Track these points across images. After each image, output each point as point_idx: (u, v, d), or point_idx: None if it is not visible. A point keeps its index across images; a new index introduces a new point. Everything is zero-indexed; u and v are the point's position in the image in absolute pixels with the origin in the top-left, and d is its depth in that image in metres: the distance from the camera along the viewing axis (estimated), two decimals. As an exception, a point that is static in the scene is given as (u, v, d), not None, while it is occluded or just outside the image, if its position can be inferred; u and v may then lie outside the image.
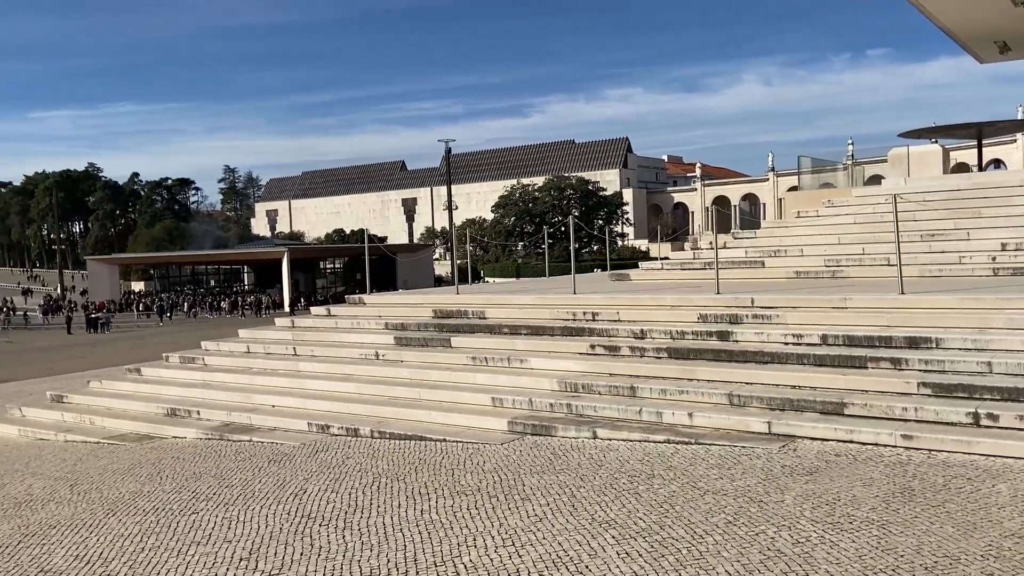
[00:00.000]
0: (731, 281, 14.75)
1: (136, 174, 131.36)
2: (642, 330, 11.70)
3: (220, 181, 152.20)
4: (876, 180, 31.49)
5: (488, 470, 8.66)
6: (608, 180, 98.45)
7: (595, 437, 9.44)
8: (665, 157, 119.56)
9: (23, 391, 21.45)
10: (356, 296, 16.60)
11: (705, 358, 10.64)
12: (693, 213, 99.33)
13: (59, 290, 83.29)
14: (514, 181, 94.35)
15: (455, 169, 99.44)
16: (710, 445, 8.73)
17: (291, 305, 57.83)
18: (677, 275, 17.48)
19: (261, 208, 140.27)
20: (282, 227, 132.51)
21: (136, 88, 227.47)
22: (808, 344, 10.29)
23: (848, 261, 15.57)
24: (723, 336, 11.04)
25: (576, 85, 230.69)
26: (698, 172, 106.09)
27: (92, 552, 7.05)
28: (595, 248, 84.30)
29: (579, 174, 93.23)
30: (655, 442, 9.07)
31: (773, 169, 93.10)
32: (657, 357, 11.06)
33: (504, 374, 11.66)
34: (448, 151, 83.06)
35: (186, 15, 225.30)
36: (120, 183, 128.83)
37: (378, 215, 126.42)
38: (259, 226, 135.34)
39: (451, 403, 11.33)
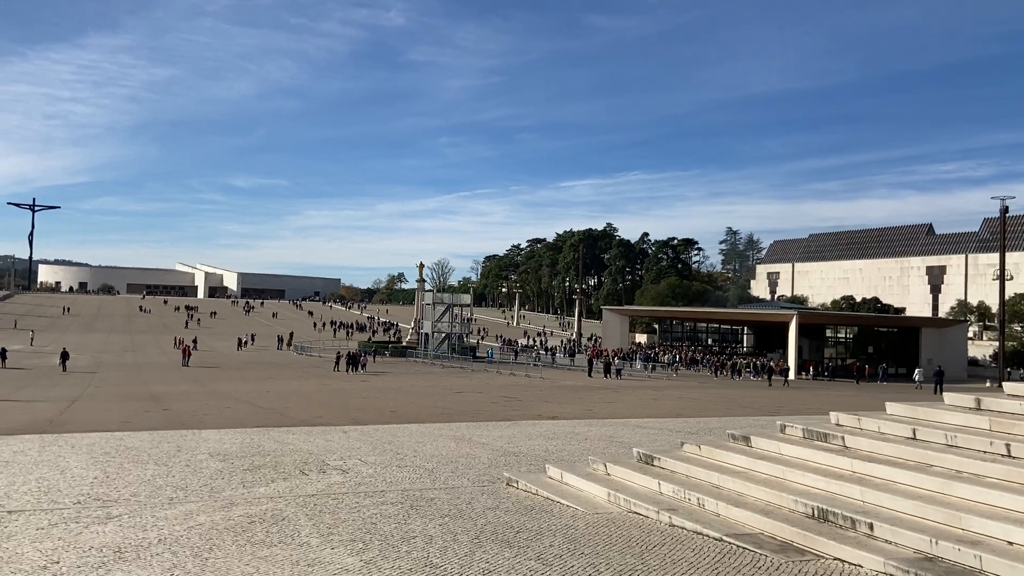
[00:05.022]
0: None
1: (646, 234, 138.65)
2: None
3: (721, 242, 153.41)
4: None
5: None
6: None
7: None
8: None
9: (574, 432, 19.85)
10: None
11: None
12: None
13: (575, 335, 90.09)
14: (1096, 249, 74.10)
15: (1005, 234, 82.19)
16: None
17: (796, 372, 53.20)
18: None
19: (762, 270, 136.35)
20: (783, 290, 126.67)
21: (647, 159, 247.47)
22: None
23: None
24: None
25: None
26: None
27: None
28: None
29: None
30: None
31: None
32: None
33: None
34: (1004, 209, 68.67)
35: (701, 90, 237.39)
36: (631, 242, 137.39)
37: (895, 283, 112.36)
38: (758, 288, 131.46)
39: None
